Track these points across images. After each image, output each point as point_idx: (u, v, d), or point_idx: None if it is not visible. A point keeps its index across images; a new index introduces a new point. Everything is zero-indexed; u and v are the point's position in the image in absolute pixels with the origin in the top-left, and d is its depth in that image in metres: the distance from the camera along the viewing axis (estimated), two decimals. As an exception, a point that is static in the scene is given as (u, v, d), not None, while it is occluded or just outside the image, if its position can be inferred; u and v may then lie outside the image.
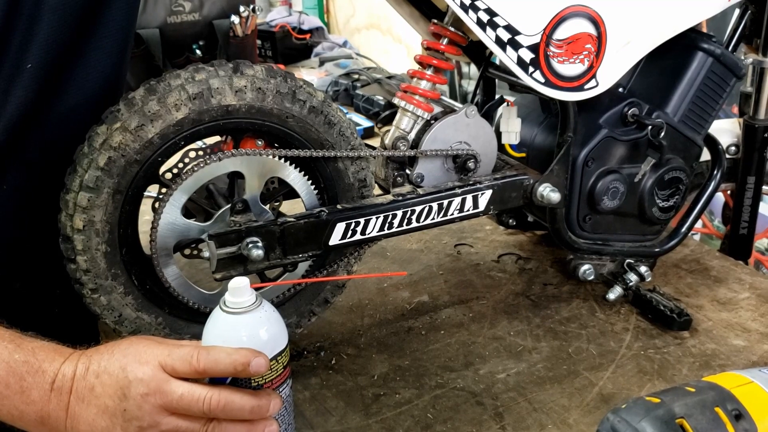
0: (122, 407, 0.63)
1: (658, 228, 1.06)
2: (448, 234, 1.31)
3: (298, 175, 0.85)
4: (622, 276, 1.03)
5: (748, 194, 1.17)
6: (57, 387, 0.64)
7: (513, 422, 0.83)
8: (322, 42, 2.68)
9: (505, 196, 0.93)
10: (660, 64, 1.00)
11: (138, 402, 0.62)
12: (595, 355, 0.95)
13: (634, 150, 0.98)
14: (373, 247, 1.25)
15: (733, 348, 0.96)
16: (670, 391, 0.64)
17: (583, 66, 0.88)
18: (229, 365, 0.63)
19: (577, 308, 1.06)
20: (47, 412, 0.64)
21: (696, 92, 0.99)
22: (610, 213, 1.00)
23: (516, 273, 1.17)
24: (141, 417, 0.62)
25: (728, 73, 1.00)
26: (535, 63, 0.85)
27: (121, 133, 0.75)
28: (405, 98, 0.91)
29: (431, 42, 0.92)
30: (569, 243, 1.00)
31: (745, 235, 1.20)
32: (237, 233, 0.80)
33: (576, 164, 0.96)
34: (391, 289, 1.13)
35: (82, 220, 0.76)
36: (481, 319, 1.04)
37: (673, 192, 1.01)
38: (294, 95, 0.81)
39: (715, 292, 1.09)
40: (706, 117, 1.02)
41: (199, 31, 1.91)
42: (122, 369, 0.63)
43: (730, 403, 0.61)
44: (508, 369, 0.92)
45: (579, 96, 0.90)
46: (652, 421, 0.59)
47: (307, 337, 1.00)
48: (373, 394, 0.88)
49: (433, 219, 0.89)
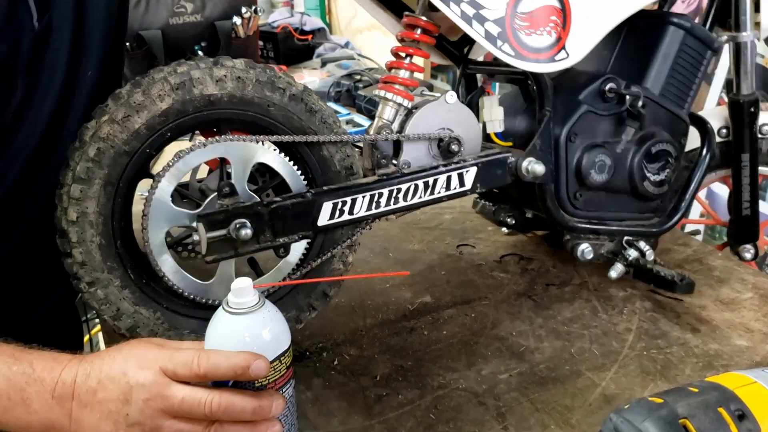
0: (125, 412, 0.63)
1: (655, 205, 1.06)
2: (451, 234, 1.31)
3: (282, 160, 0.86)
4: (622, 253, 1.03)
5: (745, 173, 1.16)
6: (58, 395, 0.64)
7: (515, 423, 0.82)
8: (324, 43, 2.69)
9: (491, 173, 0.94)
10: (635, 42, 1.04)
11: (140, 407, 0.63)
12: (598, 356, 0.95)
13: (617, 124, 1.01)
14: (375, 247, 1.25)
15: (737, 348, 0.95)
16: (673, 391, 0.64)
17: (551, 38, 0.90)
18: (229, 369, 0.64)
19: (580, 309, 1.06)
20: (51, 420, 0.64)
21: (672, 66, 1.03)
22: (601, 188, 1.01)
23: (518, 273, 1.17)
24: (143, 421, 0.63)
25: (702, 46, 1.04)
26: (502, 36, 0.88)
27: (109, 125, 0.78)
28: (385, 88, 0.93)
29: (406, 32, 0.94)
30: (562, 221, 1.00)
31: (749, 215, 1.19)
32: (225, 214, 0.82)
33: (559, 141, 0.97)
34: (393, 289, 1.13)
35: (76, 212, 0.78)
36: (484, 319, 1.04)
37: (662, 165, 1.03)
38: (273, 84, 0.84)
39: (717, 292, 1.09)
40: (686, 91, 1.05)
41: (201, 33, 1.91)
42: (124, 374, 0.64)
43: (734, 403, 0.61)
44: (510, 369, 0.92)
45: (551, 67, 0.92)
46: (655, 421, 0.59)
47: (310, 338, 1.00)
48: (376, 395, 0.88)
49: (420, 197, 0.90)
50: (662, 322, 1.02)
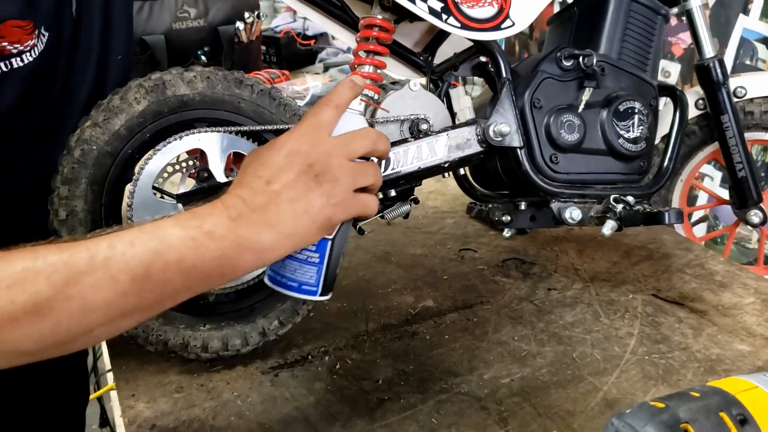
0: (311, 174, 0.67)
1: (639, 165, 1.08)
2: (452, 239, 1.31)
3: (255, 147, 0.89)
4: (611, 210, 1.03)
5: (729, 133, 1.17)
6: (236, 215, 0.64)
7: (517, 427, 0.82)
8: (326, 48, 2.69)
9: (461, 140, 0.97)
10: (587, 16, 1.10)
11: (323, 159, 0.67)
12: (600, 360, 0.95)
13: (578, 87, 1.05)
14: (376, 251, 1.25)
15: (738, 353, 0.95)
16: (674, 396, 0.64)
17: (493, 8, 0.96)
18: (373, 138, 0.72)
19: (582, 313, 1.06)
20: (236, 241, 0.64)
21: (624, 32, 1.08)
22: (576, 149, 1.03)
23: (520, 278, 1.17)
24: (330, 169, 0.67)
25: (650, 12, 1.10)
26: (446, 10, 0.92)
27: (91, 128, 0.84)
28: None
29: (364, 32, 0.95)
30: (543, 188, 1.02)
31: (744, 176, 1.19)
32: (201, 192, 0.87)
33: (524, 109, 1.01)
34: (395, 293, 1.13)
35: (65, 211, 0.83)
36: (485, 324, 1.04)
37: (633, 123, 1.06)
38: (241, 82, 0.90)
39: (719, 297, 1.09)
40: (644, 55, 1.10)
41: (204, 37, 1.92)
42: (287, 154, 0.67)
43: (735, 407, 0.61)
44: (512, 374, 0.92)
45: (498, 35, 0.97)
46: (656, 425, 0.59)
47: (312, 342, 1.00)
48: (378, 399, 0.88)
49: (394, 169, 0.92)
50: (664, 326, 1.02)
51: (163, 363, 0.95)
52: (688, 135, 1.24)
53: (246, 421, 0.85)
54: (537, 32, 2.35)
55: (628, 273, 1.17)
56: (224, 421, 0.85)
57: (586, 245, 1.27)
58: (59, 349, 0.58)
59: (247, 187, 0.66)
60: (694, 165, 1.30)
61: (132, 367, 0.95)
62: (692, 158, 1.28)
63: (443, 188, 1.52)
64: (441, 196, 1.50)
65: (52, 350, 0.58)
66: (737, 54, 1.75)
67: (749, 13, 1.71)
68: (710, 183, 1.81)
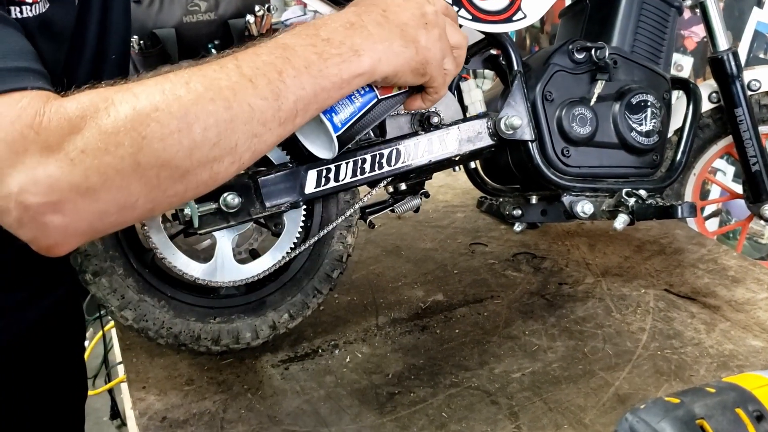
0: (422, 21, 0.73)
1: (652, 158, 1.07)
2: (463, 233, 1.30)
3: None
4: (623, 204, 1.02)
5: (743, 127, 1.16)
6: (347, 25, 0.69)
7: (528, 422, 0.82)
8: (336, 41, 2.69)
9: (472, 133, 0.96)
10: (600, 9, 1.10)
11: (434, 16, 0.75)
12: (611, 355, 0.94)
13: (590, 80, 1.04)
14: (387, 245, 1.25)
15: (752, 349, 0.95)
16: (689, 391, 0.63)
17: (504, 0, 0.97)
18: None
19: (593, 308, 1.05)
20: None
21: (637, 25, 1.08)
22: (588, 143, 1.03)
23: (531, 272, 1.16)
24: (436, 23, 0.75)
25: (664, 4, 1.09)
26: (457, 2, 0.94)
27: None
28: None
29: None
30: (555, 181, 1.01)
31: (758, 170, 1.18)
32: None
33: (536, 102, 1.00)
34: (406, 287, 1.13)
35: None
36: (496, 318, 1.04)
37: (646, 116, 1.05)
38: None
39: (732, 293, 1.08)
40: (657, 48, 1.09)
41: (214, 31, 1.92)
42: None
43: (752, 404, 0.60)
44: (523, 368, 0.92)
45: (510, 27, 0.97)
46: (671, 421, 0.59)
47: (322, 336, 1.00)
48: (388, 393, 0.88)
49: (404, 162, 0.91)
50: (676, 321, 1.01)
51: (174, 356, 0.95)
52: (702, 128, 1.23)
53: (256, 414, 0.85)
54: (548, 25, 2.34)
55: (640, 268, 1.16)
56: (234, 414, 0.85)
57: (597, 240, 1.26)
58: (206, 169, 0.60)
59: (363, 7, 0.71)
60: (707, 159, 1.29)
61: (143, 360, 0.95)
62: (705, 152, 1.27)
63: (454, 182, 1.51)
64: (451, 190, 1.49)
65: (199, 170, 0.59)
66: (751, 47, 1.73)
67: (763, 6, 1.70)
68: (722, 177, 1.80)
